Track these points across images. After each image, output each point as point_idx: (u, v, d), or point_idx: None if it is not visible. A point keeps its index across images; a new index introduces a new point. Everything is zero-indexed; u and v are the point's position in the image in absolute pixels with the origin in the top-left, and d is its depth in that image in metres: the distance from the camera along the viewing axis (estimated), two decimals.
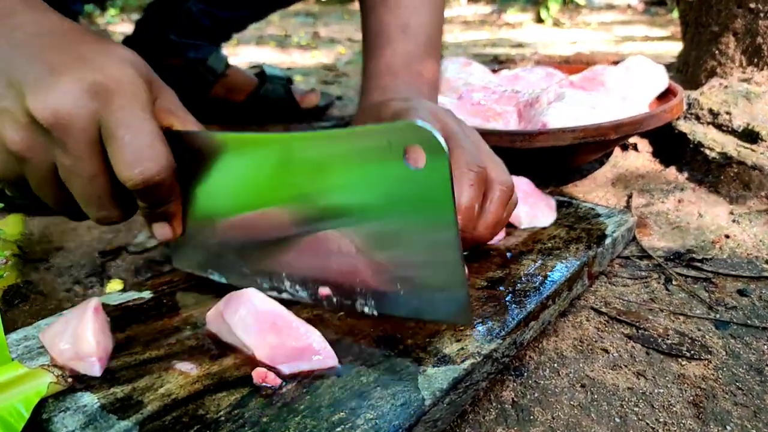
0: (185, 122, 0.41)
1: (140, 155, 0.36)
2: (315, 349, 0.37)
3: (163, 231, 0.43)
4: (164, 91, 0.42)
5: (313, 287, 0.43)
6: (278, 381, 0.35)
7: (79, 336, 0.37)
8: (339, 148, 0.37)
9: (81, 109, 0.35)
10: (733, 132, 0.75)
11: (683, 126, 0.80)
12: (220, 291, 0.47)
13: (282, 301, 0.40)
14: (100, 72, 0.36)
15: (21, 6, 0.38)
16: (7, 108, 0.35)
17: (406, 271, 0.39)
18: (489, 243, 0.51)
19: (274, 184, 0.40)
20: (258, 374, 0.35)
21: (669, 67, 1.04)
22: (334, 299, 0.42)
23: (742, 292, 0.52)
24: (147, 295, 0.46)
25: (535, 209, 0.57)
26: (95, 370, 0.37)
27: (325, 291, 0.42)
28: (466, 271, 0.38)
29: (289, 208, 0.40)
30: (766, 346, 0.45)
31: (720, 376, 0.42)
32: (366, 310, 0.42)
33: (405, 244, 0.38)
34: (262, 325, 0.37)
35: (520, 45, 2.21)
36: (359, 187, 0.37)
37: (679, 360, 0.44)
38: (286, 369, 0.36)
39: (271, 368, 0.36)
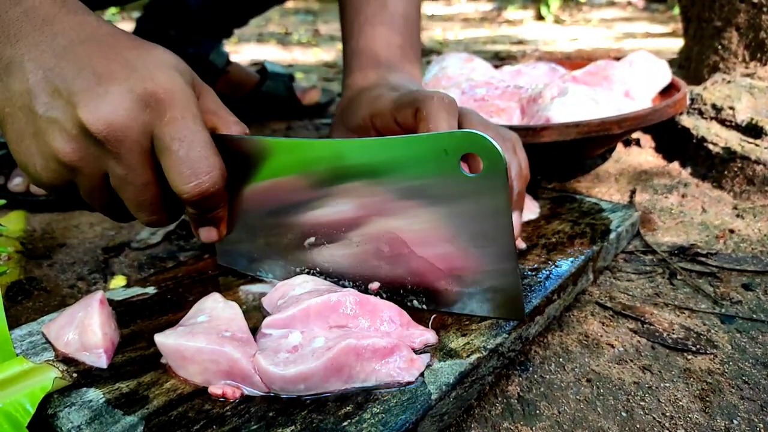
0: (228, 123, 0.41)
1: (196, 169, 0.36)
2: (240, 374, 0.35)
3: (209, 234, 0.43)
4: (205, 91, 0.41)
5: (362, 283, 0.43)
6: (238, 394, 0.34)
7: (86, 327, 0.37)
8: (393, 154, 0.37)
9: (134, 120, 0.35)
10: (736, 127, 0.75)
11: (686, 121, 0.80)
12: (223, 287, 0.47)
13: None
14: (150, 81, 0.35)
15: (60, 11, 0.37)
16: (56, 118, 0.35)
17: (459, 270, 0.39)
18: None
19: (325, 187, 0.40)
20: (213, 391, 0.34)
21: (670, 63, 1.04)
22: (384, 294, 0.43)
23: (747, 287, 0.52)
24: (151, 290, 0.46)
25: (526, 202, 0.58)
26: (102, 362, 0.36)
27: (374, 286, 0.43)
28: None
29: (339, 211, 0.41)
30: None
31: (726, 370, 0.42)
32: (415, 303, 0.42)
33: (459, 244, 0.39)
34: (178, 361, 0.36)
35: (520, 42, 2.21)
36: (414, 190, 0.38)
37: (685, 354, 0.44)
38: (229, 390, 0.34)
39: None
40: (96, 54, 0.36)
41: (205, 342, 0.35)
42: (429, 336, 0.38)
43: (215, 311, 0.39)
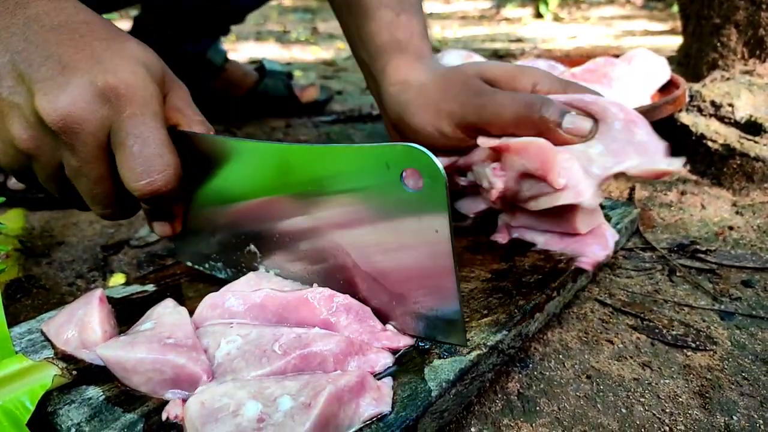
0: (192, 121, 0.41)
1: (149, 166, 0.36)
2: (189, 375, 0.33)
3: (162, 229, 0.44)
4: (176, 87, 0.41)
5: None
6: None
7: (86, 325, 0.37)
8: (337, 164, 0.36)
9: (91, 114, 0.34)
10: (735, 124, 0.75)
11: (685, 118, 0.80)
12: (222, 283, 0.46)
13: None
14: (112, 74, 0.35)
15: None
16: (17, 104, 0.35)
17: (401, 288, 0.38)
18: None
19: (273, 189, 0.40)
20: (165, 416, 0.32)
21: (669, 60, 1.04)
22: None
23: (746, 283, 0.52)
24: (150, 288, 0.46)
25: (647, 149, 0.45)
26: (101, 359, 0.36)
27: None
28: (459, 289, 0.36)
29: (287, 215, 0.40)
30: None
31: (726, 367, 0.42)
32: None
33: (400, 261, 0.37)
34: (120, 373, 0.35)
35: (519, 40, 2.21)
36: (357, 203, 0.37)
37: (685, 351, 0.44)
38: (179, 412, 0.32)
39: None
40: (65, 42, 0.35)
41: (146, 352, 0.34)
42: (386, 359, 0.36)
43: (162, 317, 0.37)
